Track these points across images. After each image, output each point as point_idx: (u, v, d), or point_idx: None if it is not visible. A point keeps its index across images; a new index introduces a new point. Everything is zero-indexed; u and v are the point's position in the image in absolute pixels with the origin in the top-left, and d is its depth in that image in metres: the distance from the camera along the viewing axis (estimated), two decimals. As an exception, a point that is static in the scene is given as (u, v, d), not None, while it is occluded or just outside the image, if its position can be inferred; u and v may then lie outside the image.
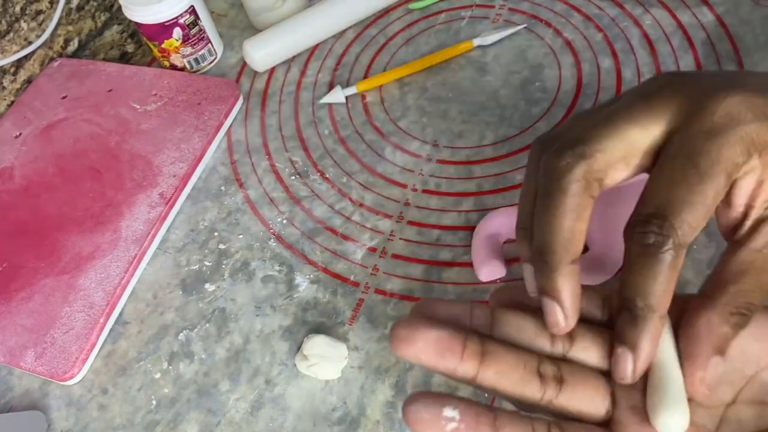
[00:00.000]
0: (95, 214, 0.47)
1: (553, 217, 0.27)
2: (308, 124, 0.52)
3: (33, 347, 0.41)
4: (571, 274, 0.26)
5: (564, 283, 0.26)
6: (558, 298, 0.26)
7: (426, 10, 0.57)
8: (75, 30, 0.61)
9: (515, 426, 0.24)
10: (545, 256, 0.27)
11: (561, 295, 0.26)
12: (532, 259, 0.28)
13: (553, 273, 0.26)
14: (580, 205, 0.27)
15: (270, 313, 0.42)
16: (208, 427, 0.39)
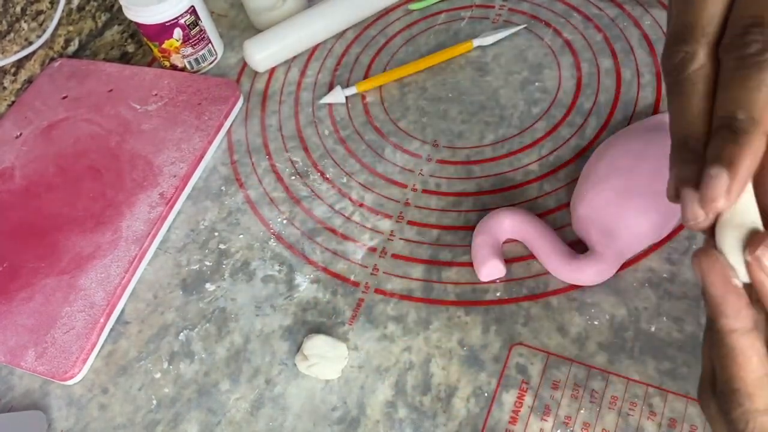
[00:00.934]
0: (96, 214, 0.47)
1: (689, 105, 0.25)
2: (308, 124, 0.52)
3: (33, 347, 0.41)
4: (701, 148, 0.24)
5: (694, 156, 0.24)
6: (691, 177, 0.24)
7: (426, 10, 0.57)
8: (75, 30, 0.61)
9: None
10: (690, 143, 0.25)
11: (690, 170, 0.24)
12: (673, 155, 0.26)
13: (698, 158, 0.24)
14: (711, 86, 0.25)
15: (270, 313, 0.42)
16: (209, 426, 0.39)
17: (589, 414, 0.36)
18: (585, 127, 0.47)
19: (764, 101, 0.23)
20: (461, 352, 0.39)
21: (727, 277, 0.24)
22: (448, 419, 0.37)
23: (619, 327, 0.38)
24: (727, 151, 0.23)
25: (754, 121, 0.23)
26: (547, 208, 0.44)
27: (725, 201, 0.23)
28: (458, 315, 0.40)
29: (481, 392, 0.37)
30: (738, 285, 0.24)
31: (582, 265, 0.39)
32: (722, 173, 0.23)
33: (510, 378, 0.37)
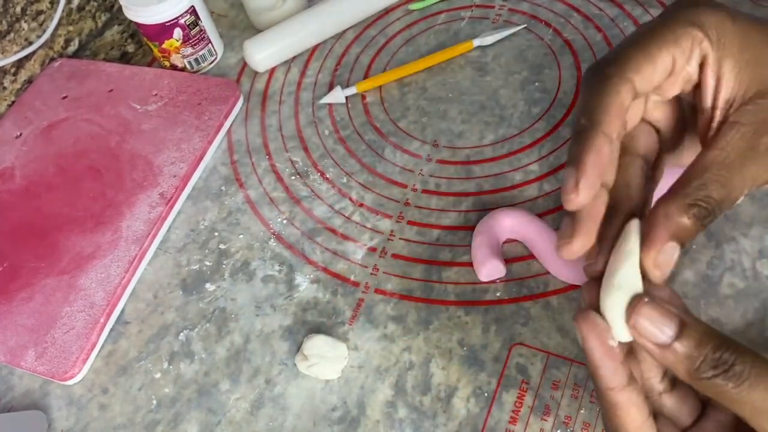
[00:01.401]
0: (96, 214, 0.47)
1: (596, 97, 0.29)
2: (308, 124, 0.52)
3: (33, 347, 0.41)
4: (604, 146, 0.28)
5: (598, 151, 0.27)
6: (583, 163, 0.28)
7: (426, 10, 0.57)
8: (75, 30, 0.61)
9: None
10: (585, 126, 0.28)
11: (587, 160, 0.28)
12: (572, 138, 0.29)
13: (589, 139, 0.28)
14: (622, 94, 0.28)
15: (270, 312, 0.42)
16: (209, 426, 0.39)
17: (589, 414, 0.36)
18: (585, 127, 0.47)
19: (602, 106, 0.27)
20: (461, 352, 0.39)
21: (604, 339, 0.27)
22: (448, 419, 0.37)
23: (619, 327, 0.38)
24: (573, 151, 0.28)
25: (592, 122, 0.27)
26: (547, 208, 0.44)
27: (575, 195, 0.27)
28: (458, 315, 0.40)
29: (481, 392, 0.37)
30: (613, 345, 0.27)
31: (582, 265, 0.39)
32: (572, 171, 0.27)
33: (510, 378, 0.37)
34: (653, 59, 0.28)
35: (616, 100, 0.27)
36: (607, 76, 0.28)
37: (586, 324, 0.27)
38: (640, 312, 0.26)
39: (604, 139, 0.27)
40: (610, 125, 0.27)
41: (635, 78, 0.28)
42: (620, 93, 0.27)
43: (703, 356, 0.25)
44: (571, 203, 0.27)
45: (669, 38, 0.28)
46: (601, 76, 0.28)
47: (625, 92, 0.28)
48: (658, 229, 0.26)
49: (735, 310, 0.37)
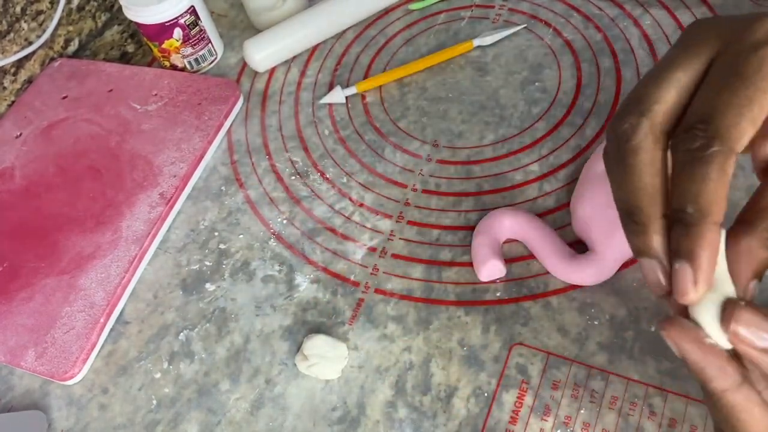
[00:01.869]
0: (96, 214, 0.47)
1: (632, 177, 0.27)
2: (308, 124, 0.52)
3: (33, 347, 0.41)
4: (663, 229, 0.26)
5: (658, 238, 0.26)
6: (656, 254, 0.26)
7: (426, 10, 0.57)
8: (75, 30, 0.61)
9: None
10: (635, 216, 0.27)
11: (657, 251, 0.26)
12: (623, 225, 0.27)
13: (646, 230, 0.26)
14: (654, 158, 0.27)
15: (270, 312, 0.42)
16: (209, 426, 0.39)
17: (589, 414, 0.36)
18: (585, 127, 0.47)
19: (711, 193, 0.24)
20: (461, 352, 0.39)
21: (700, 340, 0.25)
22: (448, 419, 0.37)
23: (619, 327, 0.38)
24: (684, 245, 0.25)
25: (702, 213, 0.24)
26: (547, 208, 0.44)
27: (694, 293, 0.24)
28: (458, 315, 0.40)
29: (481, 392, 0.37)
30: (713, 343, 0.25)
31: (582, 265, 0.39)
32: (685, 267, 0.24)
33: (510, 378, 0.37)
34: (755, 120, 0.25)
35: (725, 182, 0.24)
36: (712, 155, 0.24)
37: (675, 329, 0.25)
38: (738, 318, 0.24)
39: (717, 229, 0.24)
40: (720, 213, 0.24)
41: (738, 146, 0.25)
42: (728, 173, 0.24)
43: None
44: (688, 299, 0.25)
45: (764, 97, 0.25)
46: (704, 154, 0.25)
47: (730, 168, 0.25)
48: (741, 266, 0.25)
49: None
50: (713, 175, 0.24)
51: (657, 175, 0.26)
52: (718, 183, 0.24)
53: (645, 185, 0.26)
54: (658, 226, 0.26)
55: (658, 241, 0.26)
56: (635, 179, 0.27)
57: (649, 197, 0.26)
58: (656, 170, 0.26)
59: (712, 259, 0.24)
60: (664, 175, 0.27)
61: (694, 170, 0.25)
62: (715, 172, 0.24)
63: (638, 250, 0.27)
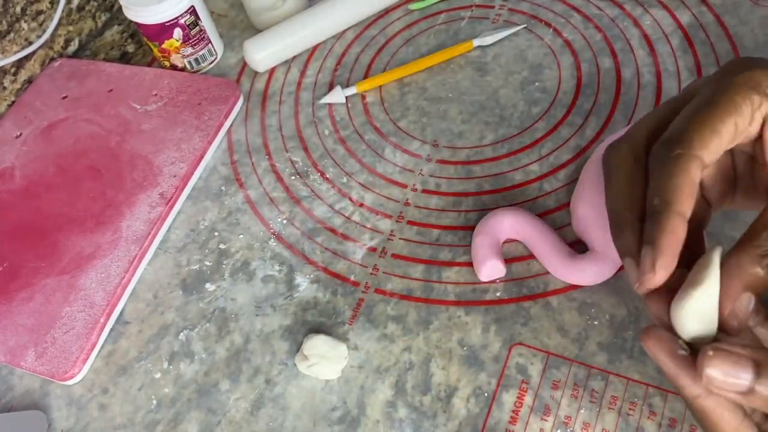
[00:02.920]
0: (96, 214, 0.47)
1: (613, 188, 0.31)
2: (308, 124, 0.52)
3: (33, 347, 0.41)
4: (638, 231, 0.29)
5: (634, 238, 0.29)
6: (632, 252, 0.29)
7: (426, 10, 0.57)
8: (75, 30, 0.61)
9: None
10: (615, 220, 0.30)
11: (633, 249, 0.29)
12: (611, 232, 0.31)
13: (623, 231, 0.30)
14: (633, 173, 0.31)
15: (270, 312, 0.42)
16: (209, 426, 0.39)
17: (589, 414, 0.36)
18: (585, 127, 0.47)
19: (674, 187, 0.28)
20: (461, 352, 0.39)
21: (673, 350, 0.27)
22: (448, 419, 0.37)
23: (619, 327, 0.38)
24: (648, 232, 0.28)
25: (665, 203, 0.28)
26: (547, 208, 0.44)
27: (651, 275, 0.27)
28: (458, 315, 0.40)
29: (481, 392, 0.37)
30: (685, 355, 0.27)
31: (582, 265, 0.39)
32: (647, 250, 0.28)
33: (510, 378, 0.37)
34: (718, 132, 0.28)
35: (687, 179, 0.28)
36: (676, 156, 0.28)
37: (651, 339, 0.27)
38: (710, 365, 0.25)
39: (679, 218, 0.27)
40: (683, 204, 0.27)
41: (703, 153, 0.28)
42: (690, 171, 0.28)
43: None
44: (647, 283, 0.28)
45: (730, 108, 0.28)
46: (669, 156, 0.28)
47: (694, 169, 0.28)
48: (732, 280, 0.27)
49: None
50: (675, 172, 0.28)
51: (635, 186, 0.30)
52: (680, 179, 0.28)
53: (622, 194, 0.31)
54: (633, 228, 0.29)
55: (633, 240, 0.29)
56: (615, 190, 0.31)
57: (625, 204, 0.30)
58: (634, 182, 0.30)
59: (672, 244, 0.27)
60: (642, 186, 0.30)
61: (660, 170, 0.28)
62: (677, 169, 0.28)
63: (620, 252, 0.30)
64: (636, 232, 0.29)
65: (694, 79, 0.34)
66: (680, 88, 0.47)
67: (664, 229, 0.27)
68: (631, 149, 0.31)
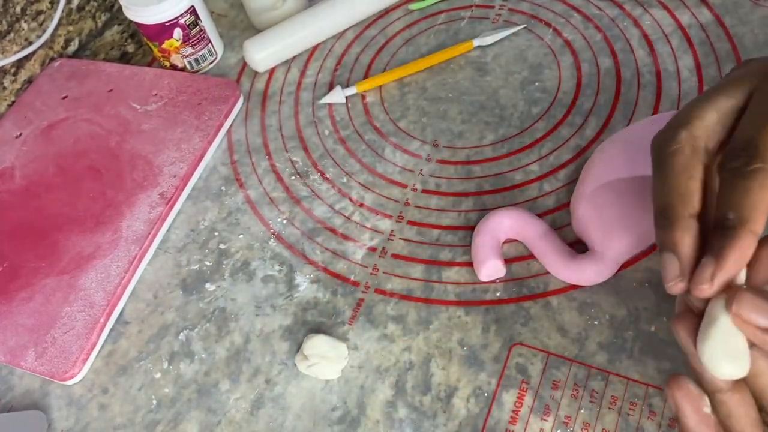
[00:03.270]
0: (96, 214, 0.47)
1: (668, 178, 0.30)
2: (308, 124, 0.52)
3: (33, 347, 0.41)
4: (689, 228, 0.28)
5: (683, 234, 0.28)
6: (677, 249, 0.28)
7: (426, 10, 0.57)
8: (75, 30, 0.61)
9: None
10: (665, 212, 0.29)
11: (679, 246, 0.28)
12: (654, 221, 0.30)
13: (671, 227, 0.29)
14: (690, 165, 0.29)
15: (270, 312, 0.42)
16: (209, 426, 0.39)
17: (589, 414, 0.36)
18: (585, 127, 0.47)
19: (751, 203, 0.27)
20: (461, 352, 0.39)
21: (699, 407, 0.27)
22: (448, 419, 0.37)
23: (619, 327, 0.38)
24: (717, 244, 0.27)
25: (741, 220, 0.26)
26: (547, 208, 0.44)
27: (708, 286, 0.27)
28: (458, 315, 0.40)
29: (481, 392, 0.37)
30: (708, 413, 0.27)
31: (582, 265, 0.39)
32: (710, 261, 0.27)
33: (510, 378, 0.37)
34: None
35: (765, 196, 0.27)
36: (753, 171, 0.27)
37: (680, 392, 0.27)
38: (741, 300, 0.25)
39: (752, 237, 0.27)
40: (759, 223, 0.27)
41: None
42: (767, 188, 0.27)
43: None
44: (701, 293, 0.27)
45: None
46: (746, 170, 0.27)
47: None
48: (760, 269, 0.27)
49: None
50: (755, 188, 0.27)
51: (691, 179, 0.29)
52: (758, 196, 0.26)
53: (678, 185, 0.29)
54: (684, 224, 0.28)
55: (682, 237, 0.28)
56: (670, 180, 0.29)
57: (680, 196, 0.29)
58: (690, 175, 0.29)
59: (738, 262, 0.26)
60: (699, 183, 0.29)
61: (736, 183, 0.27)
62: (756, 185, 0.27)
63: (663, 244, 0.29)
64: (687, 229, 0.28)
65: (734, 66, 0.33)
66: (680, 88, 0.47)
67: (736, 247, 0.26)
68: (690, 139, 0.30)
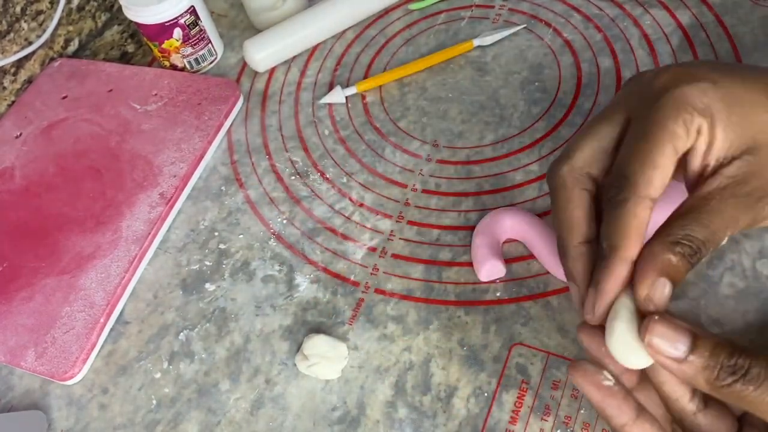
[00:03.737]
0: (96, 214, 0.47)
1: (556, 211, 0.32)
2: (308, 124, 0.52)
3: (33, 347, 0.41)
4: (579, 255, 0.31)
5: (574, 263, 0.31)
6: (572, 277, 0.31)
7: (426, 10, 0.57)
8: (75, 30, 0.61)
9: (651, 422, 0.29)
10: (558, 242, 0.32)
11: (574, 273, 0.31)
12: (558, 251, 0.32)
13: (564, 256, 0.31)
14: (573, 196, 0.32)
15: (270, 312, 0.42)
16: (209, 426, 0.39)
17: (589, 414, 0.36)
18: (585, 127, 0.47)
19: (621, 232, 0.28)
20: (461, 352, 0.39)
21: (598, 381, 0.29)
22: (448, 419, 0.37)
23: (619, 327, 0.38)
24: (596, 274, 0.29)
25: (611, 248, 0.28)
26: (547, 208, 0.44)
27: (592, 316, 0.29)
28: (458, 315, 0.40)
29: (481, 392, 0.37)
30: (609, 385, 0.29)
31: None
32: (592, 291, 0.29)
33: (510, 378, 0.37)
34: (660, 166, 0.29)
35: (635, 223, 0.28)
36: (622, 200, 0.29)
37: (578, 372, 0.29)
38: (653, 331, 0.27)
39: (623, 264, 0.28)
40: (630, 249, 0.28)
41: (649, 192, 0.29)
42: (638, 215, 0.28)
43: (719, 364, 0.26)
44: (589, 321, 0.30)
45: (665, 137, 0.29)
46: (616, 200, 0.29)
47: (642, 211, 0.28)
48: (645, 266, 0.28)
49: (735, 310, 0.37)
50: (623, 216, 0.28)
51: (576, 209, 0.31)
52: (627, 223, 0.28)
53: (564, 217, 0.31)
54: (573, 253, 0.31)
55: (574, 265, 0.31)
56: (558, 213, 0.32)
57: (567, 228, 0.31)
58: (575, 205, 0.31)
59: (614, 290, 0.28)
60: (584, 211, 0.31)
61: (610, 213, 0.29)
62: (624, 214, 0.28)
63: (566, 275, 0.31)
64: (578, 257, 0.30)
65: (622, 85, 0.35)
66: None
67: (608, 275, 0.28)
68: (571, 171, 0.32)
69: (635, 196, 0.28)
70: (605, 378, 0.29)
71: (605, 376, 0.29)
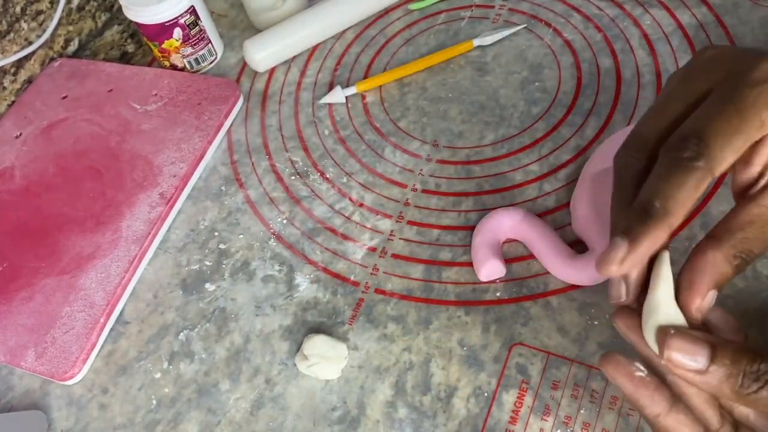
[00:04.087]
0: (96, 214, 0.47)
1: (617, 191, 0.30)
2: (308, 124, 0.52)
3: (33, 347, 0.41)
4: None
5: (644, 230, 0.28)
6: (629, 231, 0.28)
7: (426, 10, 0.57)
8: (75, 30, 0.61)
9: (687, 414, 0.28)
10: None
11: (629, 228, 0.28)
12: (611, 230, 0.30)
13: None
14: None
15: (270, 312, 0.42)
16: (209, 426, 0.39)
17: (589, 414, 0.36)
18: (585, 127, 0.47)
19: (682, 198, 0.27)
20: (461, 352, 0.39)
21: (630, 372, 0.28)
22: (448, 419, 0.37)
23: (619, 327, 0.38)
24: (634, 228, 0.27)
25: (665, 211, 0.27)
26: (547, 208, 0.44)
27: (616, 268, 0.27)
28: (458, 315, 0.40)
29: (481, 392, 0.37)
30: (642, 375, 0.28)
31: (582, 265, 0.39)
32: (623, 241, 0.27)
33: (510, 378, 0.37)
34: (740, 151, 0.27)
35: (694, 195, 0.27)
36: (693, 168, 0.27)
37: (610, 365, 0.28)
38: (670, 346, 0.26)
39: (668, 231, 0.27)
40: (680, 219, 0.27)
41: (717, 171, 0.27)
42: (700, 189, 0.27)
43: (742, 372, 0.25)
44: (608, 273, 0.27)
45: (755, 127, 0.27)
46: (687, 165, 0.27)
47: (704, 186, 0.27)
48: (704, 277, 0.27)
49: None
50: (690, 184, 0.27)
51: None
52: (690, 193, 0.27)
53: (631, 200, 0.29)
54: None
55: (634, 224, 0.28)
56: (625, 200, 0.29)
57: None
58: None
59: (648, 252, 0.27)
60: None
61: (675, 174, 0.27)
62: (692, 182, 0.27)
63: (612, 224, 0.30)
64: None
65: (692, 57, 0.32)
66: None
67: (651, 235, 0.27)
68: (639, 151, 0.30)
69: (708, 169, 0.27)
70: (637, 369, 0.28)
71: (637, 367, 0.28)
